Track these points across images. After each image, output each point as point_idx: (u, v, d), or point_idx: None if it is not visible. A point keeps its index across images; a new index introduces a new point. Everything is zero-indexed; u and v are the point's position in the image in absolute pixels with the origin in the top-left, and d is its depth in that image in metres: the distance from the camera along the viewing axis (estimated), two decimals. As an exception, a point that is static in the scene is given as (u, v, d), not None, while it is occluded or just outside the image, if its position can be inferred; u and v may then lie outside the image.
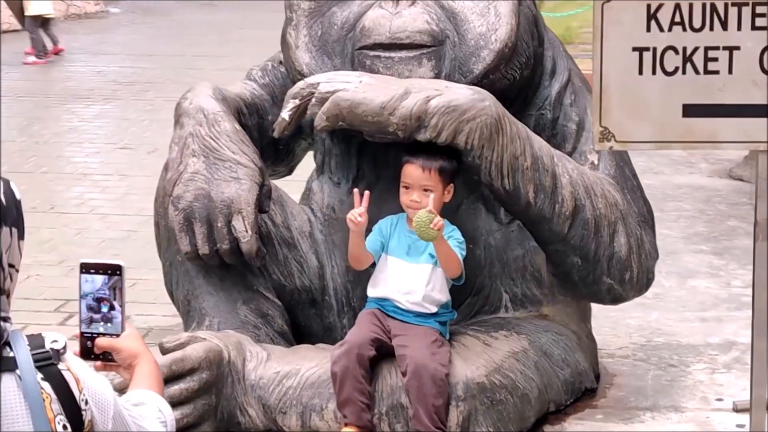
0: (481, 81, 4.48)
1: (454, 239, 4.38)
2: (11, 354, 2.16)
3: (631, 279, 4.64)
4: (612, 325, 5.65)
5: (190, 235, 4.52)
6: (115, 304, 2.45)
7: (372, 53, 4.50)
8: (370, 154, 4.77)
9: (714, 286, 6.37)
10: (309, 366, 4.35)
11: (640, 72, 4.04)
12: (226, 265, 4.61)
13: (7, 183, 2.25)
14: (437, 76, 4.47)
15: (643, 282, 4.72)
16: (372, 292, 4.50)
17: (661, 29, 3.95)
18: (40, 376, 2.16)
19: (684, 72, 4.02)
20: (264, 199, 4.59)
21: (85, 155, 10.19)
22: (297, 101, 4.38)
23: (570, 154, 4.71)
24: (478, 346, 4.48)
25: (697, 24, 4.01)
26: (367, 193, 4.34)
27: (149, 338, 5.42)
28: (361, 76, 4.36)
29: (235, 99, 4.91)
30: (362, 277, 4.67)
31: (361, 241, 4.39)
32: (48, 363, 2.19)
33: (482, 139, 4.26)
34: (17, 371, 2.14)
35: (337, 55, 4.62)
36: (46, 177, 9.27)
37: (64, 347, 2.23)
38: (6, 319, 2.21)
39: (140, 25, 20.82)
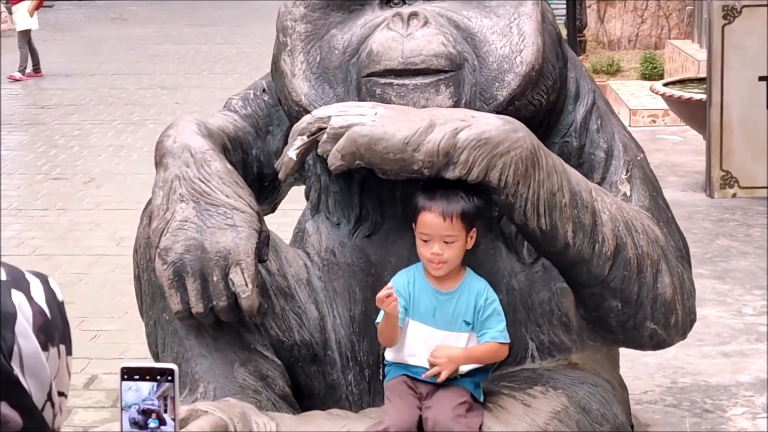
0: (506, 108, 4.01)
1: (496, 316, 3.90)
2: None
3: (676, 323, 4.19)
4: (629, 365, 5.20)
5: (181, 292, 3.97)
6: (166, 417, 1.98)
7: (383, 80, 4.01)
8: (374, 191, 4.26)
9: (725, 315, 5.97)
10: (326, 438, 3.84)
11: None
12: (220, 322, 4.06)
13: (46, 282, 1.74)
14: (456, 105, 3.99)
15: (687, 324, 4.28)
16: (391, 357, 3.98)
17: None
18: None
19: (819, 104, 3.53)
20: (262, 246, 4.06)
21: (17, 188, 9.51)
22: (305, 138, 3.86)
23: (599, 185, 4.27)
24: (518, 407, 3.99)
25: None
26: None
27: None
28: (376, 107, 3.85)
29: (219, 134, 4.39)
30: (368, 327, 4.17)
31: (396, 323, 3.84)
32: None
33: (517, 175, 3.78)
34: None
35: (339, 83, 4.12)
36: (-23, 214, 8.60)
37: None
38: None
39: (51, 43, 20.10)
